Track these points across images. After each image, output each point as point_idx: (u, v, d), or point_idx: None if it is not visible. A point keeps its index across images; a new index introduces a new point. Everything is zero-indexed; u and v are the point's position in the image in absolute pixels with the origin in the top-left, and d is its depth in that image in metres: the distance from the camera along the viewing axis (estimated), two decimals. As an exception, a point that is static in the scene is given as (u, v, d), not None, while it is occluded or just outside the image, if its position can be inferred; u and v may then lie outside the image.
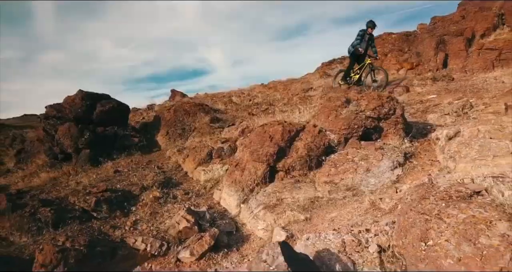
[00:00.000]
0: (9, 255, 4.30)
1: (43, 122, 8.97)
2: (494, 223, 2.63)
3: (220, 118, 10.16)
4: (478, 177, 3.73)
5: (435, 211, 2.95)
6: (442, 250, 2.68)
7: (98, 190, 5.88)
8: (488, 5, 14.22)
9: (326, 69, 18.57)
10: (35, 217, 4.96)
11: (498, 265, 2.39)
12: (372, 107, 5.93)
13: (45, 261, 4.04)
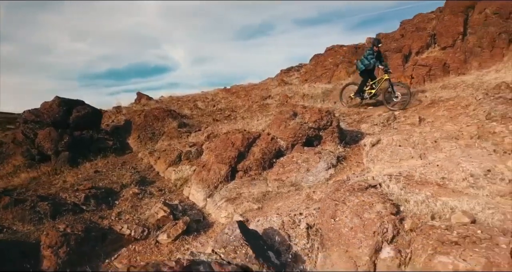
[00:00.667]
0: (17, 240, 5.28)
1: (22, 126, 9.69)
2: (374, 205, 4.08)
3: (187, 123, 11.31)
4: (378, 175, 5.23)
5: (342, 198, 4.38)
6: (342, 223, 4.10)
7: (85, 187, 6.89)
8: (423, 26, 16.35)
9: (284, 77, 20.13)
10: (35, 210, 5.94)
11: (372, 230, 3.84)
12: (314, 120, 7.40)
13: (51, 243, 5.08)
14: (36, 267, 4.91)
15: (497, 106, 6.78)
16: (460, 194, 4.56)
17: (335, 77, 17.16)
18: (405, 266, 3.62)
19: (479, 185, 4.83)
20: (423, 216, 3.99)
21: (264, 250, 4.23)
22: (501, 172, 5.13)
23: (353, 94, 11.08)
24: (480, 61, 13.72)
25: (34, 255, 5.03)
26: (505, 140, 5.88)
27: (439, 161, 5.98)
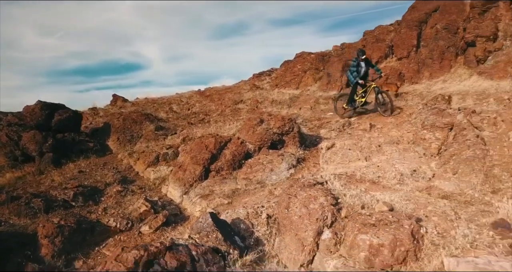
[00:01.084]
0: (16, 231, 6.03)
1: (5, 128, 10.23)
2: (318, 198, 5.17)
3: (163, 126, 12.14)
4: (326, 175, 6.35)
5: (294, 193, 5.44)
6: (293, 212, 5.16)
7: (73, 185, 7.66)
8: (383, 37, 17.83)
9: (256, 81, 21.17)
10: (30, 206, 6.68)
11: (315, 217, 4.91)
12: (278, 126, 8.47)
13: (48, 233, 5.88)
14: (35, 254, 5.69)
15: (430, 116, 8.07)
16: (388, 189, 5.73)
17: (303, 83, 18.36)
18: (339, 245, 4.71)
19: (405, 182, 6.04)
20: (355, 206, 5.11)
21: (231, 235, 5.24)
22: (423, 172, 6.38)
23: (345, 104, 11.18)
24: (431, 72, 15.25)
25: (32, 244, 5.81)
26: (431, 145, 7.15)
27: (380, 162, 7.19)
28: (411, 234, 4.29)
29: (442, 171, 6.29)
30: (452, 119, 7.55)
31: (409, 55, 16.03)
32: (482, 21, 14.50)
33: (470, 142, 6.44)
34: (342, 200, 5.29)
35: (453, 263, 3.88)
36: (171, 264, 4.25)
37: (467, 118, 7.41)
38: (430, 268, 4.05)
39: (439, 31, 15.84)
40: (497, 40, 13.95)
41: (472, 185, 5.68)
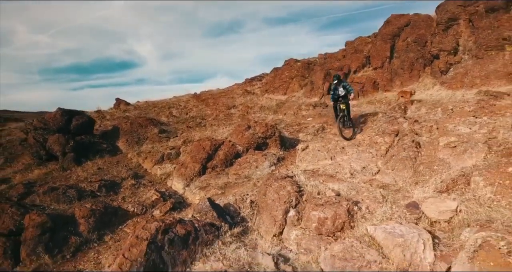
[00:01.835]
0: (58, 214, 7.85)
1: (32, 132, 12.00)
2: (286, 187, 7.07)
3: (165, 130, 13.98)
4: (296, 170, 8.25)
5: (270, 183, 7.34)
6: (268, 197, 7.06)
7: (96, 179, 9.50)
8: (361, 48, 19.78)
9: (248, 86, 23.08)
10: (66, 194, 8.51)
11: (283, 200, 6.81)
12: (262, 131, 10.37)
13: (83, 215, 7.72)
14: (75, 230, 7.53)
15: (383, 124, 10.02)
16: (341, 181, 7.66)
17: (290, 89, 20.29)
18: (300, 220, 6.61)
19: (355, 176, 7.97)
20: (313, 193, 7.02)
21: (223, 215, 7.13)
22: (371, 168, 8.32)
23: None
24: (402, 81, 17.25)
25: (72, 223, 7.64)
26: (381, 147, 9.09)
27: (342, 161, 9.11)
28: (347, 210, 6.22)
29: (384, 167, 8.23)
30: (399, 126, 9.52)
31: (383, 65, 18.01)
32: (445, 36, 16.54)
33: (406, 145, 8.39)
34: (304, 189, 7.21)
35: (372, 229, 5.80)
36: (180, 232, 6.15)
37: (410, 126, 9.38)
38: (358, 233, 5.97)
39: (409, 44, 17.86)
40: (457, 54, 15.99)
41: (403, 178, 7.63)
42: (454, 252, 5.19)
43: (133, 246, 5.82)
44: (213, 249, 6.21)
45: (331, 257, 5.61)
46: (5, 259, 6.70)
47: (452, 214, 6.00)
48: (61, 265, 6.66)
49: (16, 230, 7.17)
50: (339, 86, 11.45)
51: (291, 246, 6.39)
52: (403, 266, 5.18)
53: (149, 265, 5.68)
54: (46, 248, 6.90)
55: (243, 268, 5.61)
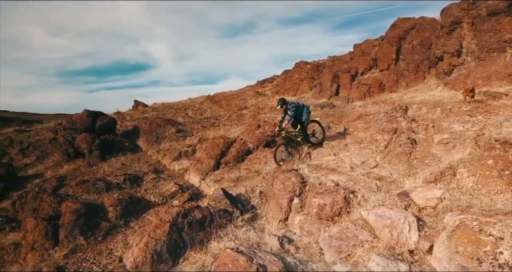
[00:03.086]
0: (89, 202, 8.87)
1: (62, 131, 13.14)
2: (291, 178, 7.92)
3: (182, 129, 14.98)
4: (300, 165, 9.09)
5: (276, 175, 8.20)
6: (275, 187, 7.92)
7: (121, 173, 10.53)
8: (368, 51, 20.49)
9: (259, 88, 23.98)
10: (95, 186, 9.55)
11: (288, 190, 7.66)
12: (271, 130, 11.25)
13: (112, 203, 8.72)
14: (104, 217, 8.53)
15: (384, 123, 10.78)
16: (341, 174, 8.47)
17: (300, 90, 21.12)
18: (303, 207, 7.45)
19: (354, 169, 8.77)
20: (315, 183, 7.86)
21: (235, 203, 8.03)
22: (370, 163, 9.10)
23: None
24: (407, 82, 17.92)
25: (102, 211, 8.65)
26: (381, 144, 9.85)
27: (344, 157, 9.91)
28: (344, 198, 7.04)
29: (382, 162, 9.01)
30: (398, 125, 10.27)
31: (389, 67, 18.69)
32: (449, 39, 17.16)
33: (402, 142, 9.15)
34: (307, 180, 8.05)
35: (365, 213, 6.60)
36: (198, 216, 7.07)
37: (408, 124, 10.13)
38: (353, 217, 6.79)
39: (415, 46, 18.52)
40: (460, 56, 16.61)
41: (398, 171, 8.40)
42: (436, 233, 5.95)
43: (157, 227, 6.77)
44: (226, 231, 7.12)
45: (329, 238, 6.44)
46: (47, 240, 7.73)
47: (438, 201, 6.76)
48: (94, 245, 7.65)
49: (55, 215, 8.23)
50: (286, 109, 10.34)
51: (295, 229, 7.24)
52: (391, 244, 5.97)
53: (171, 244, 6.61)
54: (81, 231, 7.91)
55: (252, 246, 6.48)
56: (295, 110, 10.12)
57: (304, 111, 10.40)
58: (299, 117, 10.32)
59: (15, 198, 10.49)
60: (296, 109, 10.18)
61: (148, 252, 6.47)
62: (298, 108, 10.33)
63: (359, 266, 5.77)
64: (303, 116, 10.35)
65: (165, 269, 6.42)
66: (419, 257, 5.74)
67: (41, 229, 7.85)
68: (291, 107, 10.16)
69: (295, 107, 10.19)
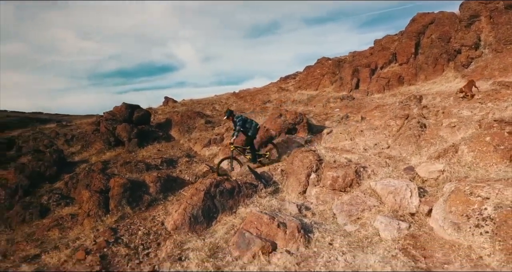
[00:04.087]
0: (133, 180, 10.19)
1: (104, 122, 14.67)
2: (309, 156, 8.94)
3: (210, 121, 16.23)
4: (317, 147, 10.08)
5: (296, 154, 9.24)
6: (295, 164, 8.96)
7: (158, 157, 11.84)
8: (388, 46, 21.11)
9: (282, 84, 24.99)
10: (137, 167, 10.90)
11: (306, 166, 8.68)
12: (292, 118, 12.27)
13: (152, 180, 10.01)
14: (145, 191, 9.81)
15: (397, 110, 11.59)
16: (354, 153, 9.41)
17: (321, 85, 21.99)
18: (319, 181, 8.46)
19: (367, 150, 9.69)
20: (331, 161, 8.84)
21: (260, 178, 9.13)
22: (382, 144, 9.98)
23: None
24: (426, 75, 18.48)
25: (143, 187, 9.94)
26: (393, 129, 10.70)
27: (360, 141, 10.82)
28: (355, 171, 8.00)
29: (393, 144, 9.87)
30: (410, 112, 11.08)
31: (408, 61, 19.27)
32: (467, 32, 17.64)
33: (411, 125, 9.97)
34: (324, 158, 9.05)
35: (373, 184, 7.55)
36: (228, 186, 8.22)
37: (419, 111, 10.92)
38: (363, 188, 7.74)
39: (434, 40, 19.03)
40: (478, 49, 17.07)
41: (407, 151, 9.26)
42: (436, 199, 6.84)
43: (194, 195, 7.96)
44: (252, 200, 8.24)
45: (340, 204, 7.45)
46: (99, 208, 9.09)
47: (439, 174, 7.63)
48: (139, 213, 8.94)
49: (105, 189, 9.58)
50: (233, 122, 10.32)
51: (311, 200, 8.26)
52: (394, 208, 6.92)
53: (205, 208, 7.79)
54: (127, 202, 9.22)
55: (274, 211, 7.55)
56: (241, 124, 9.97)
57: (252, 126, 10.26)
58: (247, 130, 10.23)
59: (66, 179, 12.00)
60: (242, 123, 10.03)
61: (186, 215, 7.66)
62: (245, 122, 10.19)
63: (366, 226, 6.73)
64: (250, 131, 10.24)
65: (201, 229, 7.59)
66: (419, 219, 6.65)
67: (94, 199, 9.22)
68: (237, 120, 10.01)
69: (242, 120, 10.04)
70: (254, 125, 10.31)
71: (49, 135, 19.26)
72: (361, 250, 5.96)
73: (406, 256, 5.53)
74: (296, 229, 6.40)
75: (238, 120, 10.01)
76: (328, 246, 6.19)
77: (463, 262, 5.22)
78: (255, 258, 6.10)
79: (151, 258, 6.91)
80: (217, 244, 6.79)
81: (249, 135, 10.23)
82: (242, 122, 10.03)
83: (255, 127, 10.30)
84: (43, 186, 12.09)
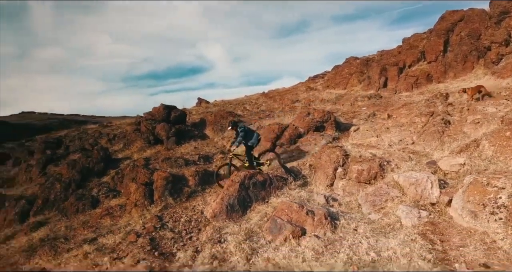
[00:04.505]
0: (174, 174, 11.16)
1: (144, 122, 15.86)
2: (336, 152, 9.57)
3: (241, 120, 17.08)
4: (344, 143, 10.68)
5: (323, 150, 9.89)
6: (322, 159, 9.62)
7: (195, 153, 12.81)
8: (416, 44, 21.22)
9: (310, 83, 25.54)
10: (176, 162, 11.90)
11: (333, 161, 9.32)
12: (319, 116, 12.90)
13: (191, 174, 10.94)
14: (185, 184, 10.75)
15: (422, 107, 11.96)
16: (379, 149, 9.94)
17: (349, 84, 22.38)
18: (346, 174, 9.07)
19: (392, 146, 10.19)
20: (356, 156, 9.43)
21: (290, 172, 9.84)
22: (406, 141, 10.45)
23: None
24: (455, 72, 18.54)
25: (183, 180, 10.89)
26: (418, 126, 11.11)
27: (385, 138, 11.31)
28: (379, 165, 8.57)
29: (417, 140, 10.32)
30: (435, 109, 11.44)
31: (437, 59, 19.37)
32: (497, 29, 17.59)
33: (436, 122, 10.37)
34: (350, 154, 9.64)
35: (396, 176, 8.10)
36: (260, 179, 8.99)
37: (444, 108, 11.27)
38: (387, 180, 8.29)
39: (463, 37, 19.04)
40: (509, 45, 16.99)
41: (430, 146, 9.70)
42: (456, 190, 7.32)
43: (230, 186, 8.79)
44: (282, 191, 8.97)
45: (365, 195, 8.05)
46: (145, 199, 10.11)
47: (460, 167, 8.08)
48: (180, 204, 9.87)
49: (149, 182, 10.61)
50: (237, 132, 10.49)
51: (338, 192, 8.90)
52: (416, 198, 7.46)
53: (240, 198, 8.59)
54: (169, 193, 10.19)
55: (303, 201, 8.25)
56: (243, 135, 10.17)
57: (254, 137, 10.49)
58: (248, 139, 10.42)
59: (113, 174, 13.21)
60: (244, 134, 10.22)
61: (224, 204, 8.49)
62: (247, 133, 10.38)
63: (389, 215, 7.31)
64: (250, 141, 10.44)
65: (237, 217, 8.39)
66: (439, 208, 7.16)
67: (140, 191, 10.26)
68: (240, 130, 10.22)
69: (244, 132, 10.23)
70: (256, 136, 10.58)
71: (93, 135, 20.82)
72: (383, 235, 6.55)
73: (424, 239, 6.09)
74: (324, 216, 7.07)
75: (240, 130, 10.22)
76: (353, 231, 6.82)
77: (477, 245, 5.74)
78: (286, 241, 6.81)
79: (193, 241, 7.78)
80: (252, 229, 7.56)
81: (248, 144, 10.50)
82: (244, 133, 10.24)
83: (256, 138, 10.57)
84: (92, 180, 13.33)
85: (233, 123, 10.68)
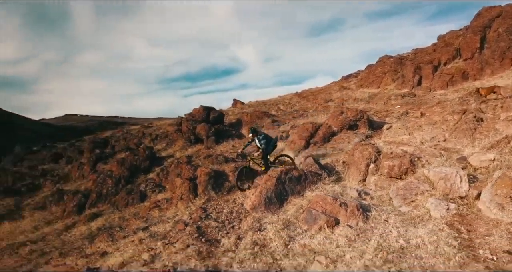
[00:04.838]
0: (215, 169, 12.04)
1: (185, 122, 16.96)
2: (368, 149, 10.04)
3: (276, 120, 17.80)
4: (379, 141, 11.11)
5: (356, 147, 10.40)
6: (355, 156, 10.13)
7: (234, 151, 13.66)
8: (451, 42, 21.04)
9: (344, 83, 25.82)
10: (217, 159, 12.81)
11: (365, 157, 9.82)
12: (353, 115, 13.37)
13: (231, 170, 11.78)
14: (225, 179, 11.59)
15: (455, 105, 12.14)
16: (411, 146, 10.31)
17: (383, 83, 22.51)
18: (378, 170, 9.54)
19: (424, 143, 10.53)
20: (388, 152, 9.86)
21: (323, 168, 10.43)
22: (438, 138, 10.74)
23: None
24: (492, 69, 18.32)
25: (223, 175, 11.75)
26: (450, 123, 11.34)
27: (417, 135, 11.63)
28: (410, 160, 8.99)
29: (449, 137, 10.58)
30: (468, 107, 11.62)
31: (473, 56, 19.18)
32: (537, 24, 17.18)
33: (468, 119, 10.59)
34: (382, 151, 10.09)
35: (426, 171, 8.50)
36: (295, 174, 9.65)
37: (477, 106, 11.42)
38: (417, 175, 8.71)
39: (500, 34, 18.75)
40: (549, 40, 16.60)
41: (461, 143, 9.96)
42: (485, 185, 7.65)
43: (267, 181, 9.51)
44: (317, 186, 9.58)
45: (396, 189, 8.51)
46: (190, 193, 11.05)
47: (490, 163, 8.36)
48: (221, 197, 10.73)
49: (193, 177, 11.55)
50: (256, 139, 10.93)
51: (370, 186, 9.39)
52: (445, 192, 7.85)
53: (277, 192, 9.30)
54: (212, 187, 11.08)
55: (337, 194, 8.84)
56: (266, 142, 10.74)
57: (271, 143, 11.07)
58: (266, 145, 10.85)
59: (158, 170, 14.33)
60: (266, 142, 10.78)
61: (262, 197, 9.23)
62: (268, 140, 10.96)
63: (419, 207, 7.75)
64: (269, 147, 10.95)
65: (274, 209, 9.10)
66: (468, 201, 7.53)
67: (185, 185, 11.22)
68: (261, 137, 10.77)
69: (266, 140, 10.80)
70: (273, 143, 11.22)
71: (136, 135, 22.27)
72: (412, 225, 7.03)
73: (452, 229, 6.54)
74: (356, 207, 7.63)
75: (261, 137, 10.79)
76: (384, 222, 7.34)
77: (503, 234, 6.13)
78: (321, 230, 7.44)
79: (235, 230, 8.58)
80: (289, 220, 8.24)
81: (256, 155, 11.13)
82: (266, 141, 10.83)
83: (273, 144, 11.26)
84: (139, 176, 14.51)
85: (253, 130, 11.03)
